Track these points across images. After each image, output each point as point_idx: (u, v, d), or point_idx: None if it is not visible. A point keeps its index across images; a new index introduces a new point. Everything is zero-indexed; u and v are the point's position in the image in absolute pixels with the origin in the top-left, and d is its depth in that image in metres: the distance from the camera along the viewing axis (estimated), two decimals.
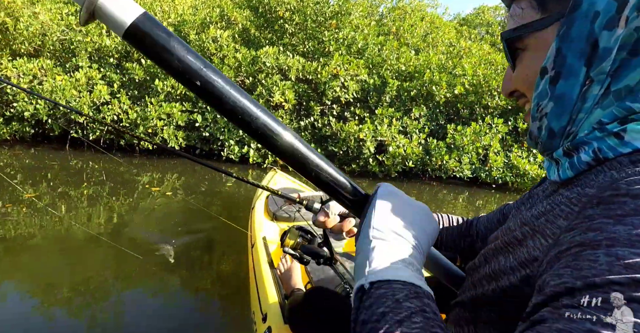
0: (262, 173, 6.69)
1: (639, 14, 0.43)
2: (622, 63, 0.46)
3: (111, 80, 6.80)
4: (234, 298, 2.35)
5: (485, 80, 8.25)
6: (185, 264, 2.90)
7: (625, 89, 0.46)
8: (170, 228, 3.58)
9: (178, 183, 5.55)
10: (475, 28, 13.91)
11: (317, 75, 7.22)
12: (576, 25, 0.46)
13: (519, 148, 7.86)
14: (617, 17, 0.44)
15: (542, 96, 0.51)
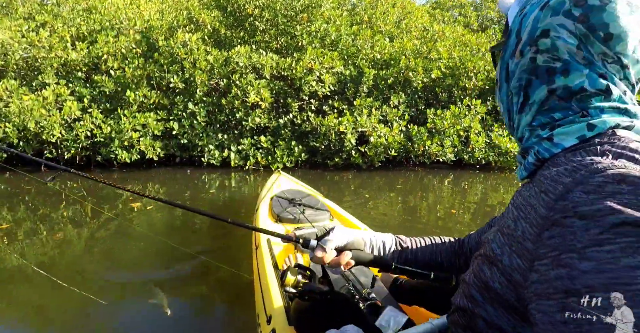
0: (264, 177, 6.62)
1: (530, 48, 0.62)
2: (527, 82, 0.64)
3: (81, 95, 6.63)
4: (238, 301, 2.35)
5: (462, 62, 8.22)
6: (187, 267, 2.89)
7: (533, 102, 0.64)
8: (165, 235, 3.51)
9: (161, 192, 5.46)
10: (448, 10, 13.85)
11: (292, 71, 7.13)
12: (505, 52, 0.67)
13: (500, 127, 7.86)
14: (514, 50, 0.65)
15: (497, 100, 0.72)
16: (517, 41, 0.63)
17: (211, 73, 7.07)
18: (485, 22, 14.02)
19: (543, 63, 0.60)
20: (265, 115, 7.06)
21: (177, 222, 4.09)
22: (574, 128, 0.58)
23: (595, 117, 0.58)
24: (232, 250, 3.20)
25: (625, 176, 0.46)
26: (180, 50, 6.92)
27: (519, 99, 0.65)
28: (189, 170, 6.87)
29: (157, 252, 3.22)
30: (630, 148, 0.52)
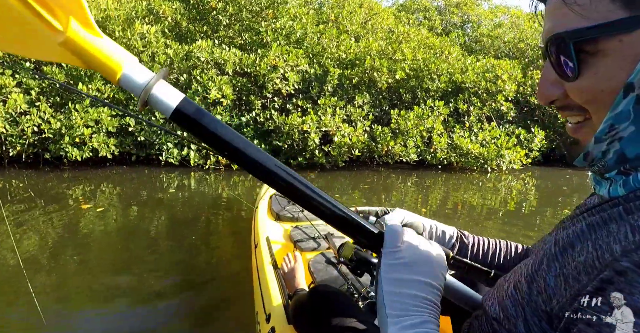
0: (225, 176, 6.42)
1: None
2: None
3: (28, 86, 6.20)
4: (237, 299, 2.33)
5: (425, 64, 8.33)
6: (186, 266, 2.84)
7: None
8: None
9: (115, 192, 5.18)
10: (413, 13, 14.04)
11: (256, 68, 6.97)
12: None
13: (461, 128, 8.02)
14: None
15: (622, 117, 0.44)
16: None
17: (171, 67, 6.80)
18: (449, 26, 14.31)
19: None
20: (227, 113, 6.87)
21: (151, 221, 3.88)
22: None
23: None
24: (230, 249, 3.16)
25: None
26: (138, 43, 6.62)
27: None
28: (146, 169, 6.59)
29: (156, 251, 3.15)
30: None
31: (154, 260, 2.99)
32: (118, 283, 2.57)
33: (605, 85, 0.44)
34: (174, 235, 3.59)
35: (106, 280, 2.62)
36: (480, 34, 12.80)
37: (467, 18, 14.22)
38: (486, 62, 8.87)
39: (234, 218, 4.13)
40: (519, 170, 8.27)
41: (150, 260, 2.97)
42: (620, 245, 0.41)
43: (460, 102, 8.36)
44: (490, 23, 13.43)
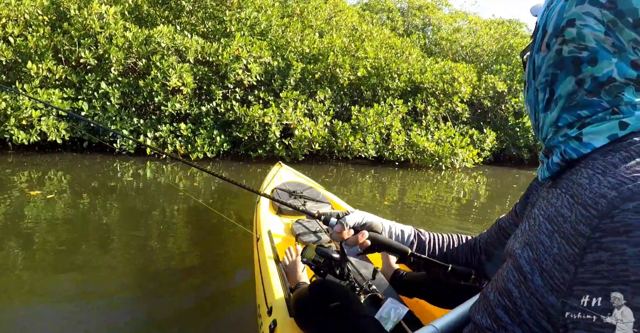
0: (182, 167, 6.27)
1: (556, 39, 0.59)
2: (553, 77, 0.61)
3: None
4: (239, 292, 2.32)
5: (387, 63, 8.52)
6: (187, 259, 2.78)
7: (559, 97, 0.61)
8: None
9: (65, 180, 4.96)
10: (377, 13, 14.27)
11: (218, 57, 6.87)
12: (532, 50, 0.65)
13: (418, 127, 8.29)
14: (541, 44, 0.63)
15: (525, 101, 0.71)
16: (542, 35, 0.61)
17: (129, 51, 6.57)
18: (411, 28, 14.67)
19: (569, 54, 0.58)
20: (186, 102, 6.73)
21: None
22: (604, 126, 0.55)
23: (627, 115, 0.54)
24: (232, 241, 3.14)
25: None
26: (95, 23, 6.34)
27: (544, 95, 0.63)
28: (99, 157, 6.34)
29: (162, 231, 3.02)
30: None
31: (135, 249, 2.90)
32: (90, 277, 2.45)
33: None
34: (132, 226, 3.50)
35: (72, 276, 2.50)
36: (440, 38, 13.24)
37: (428, 21, 14.64)
38: (444, 65, 9.19)
39: (192, 210, 4.08)
40: (471, 169, 8.66)
41: (131, 250, 2.88)
42: (585, 225, 0.47)
43: (419, 101, 8.64)
44: (450, 27, 13.89)
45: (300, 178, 3.42)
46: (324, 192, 2.94)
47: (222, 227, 3.48)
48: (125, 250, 2.87)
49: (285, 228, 2.33)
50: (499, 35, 12.47)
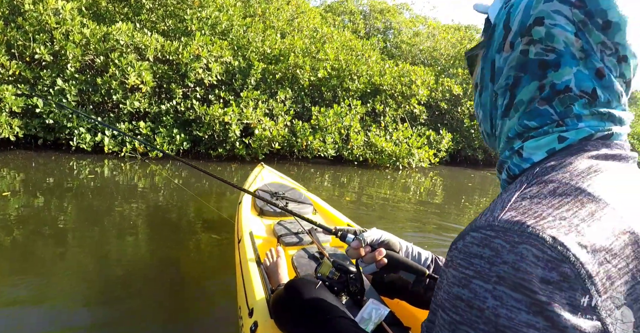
0: (142, 165, 6.24)
1: (522, 39, 0.55)
2: (516, 80, 0.57)
3: None
4: (220, 294, 2.32)
5: (347, 64, 8.77)
6: (166, 261, 2.78)
7: (519, 103, 0.57)
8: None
9: (18, 178, 4.88)
10: (339, 15, 14.53)
11: (178, 56, 6.90)
12: (489, 49, 0.60)
13: (377, 127, 8.59)
14: (503, 43, 0.58)
15: (476, 105, 0.66)
16: (504, 33, 0.57)
17: (86, 48, 6.50)
18: (373, 30, 15.02)
19: (535, 56, 0.54)
20: (145, 100, 6.73)
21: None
22: (544, 141, 0.54)
23: (570, 127, 0.53)
24: (213, 243, 3.14)
25: (490, 241, 0.42)
26: (51, 19, 6.23)
27: (504, 100, 0.59)
28: (54, 155, 6.24)
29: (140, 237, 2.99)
30: (559, 181, 0.47)
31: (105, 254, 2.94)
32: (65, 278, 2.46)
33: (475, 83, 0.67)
34: (101, 226, 3.53)
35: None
36: (400, 41, 13.66)
37: (389, 24, 15.03)
38: (402, 67, 9.55)
39: (165, 210, 4.15)
40: (428, 169, 9.05)
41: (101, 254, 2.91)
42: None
43: (378, 103, 8.94)
44: (410, 31, 14.34)
45: (282, 180, 3.41)
46: (306, 193, 2.94)
47: (203, 227, 3.52)
48: (96, 250, 2.89)
49: (267, 230, 2.32)
50: (455, 40, 13.00)
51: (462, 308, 0.41)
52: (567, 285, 0.38)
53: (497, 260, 0.40)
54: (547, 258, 0.38)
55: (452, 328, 0.42)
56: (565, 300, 0.37)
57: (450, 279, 0.44)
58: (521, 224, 0.41)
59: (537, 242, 0.39)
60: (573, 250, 0.39)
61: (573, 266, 0.38)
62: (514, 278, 0.38)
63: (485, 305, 0.39)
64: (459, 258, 0.43)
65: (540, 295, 0.37)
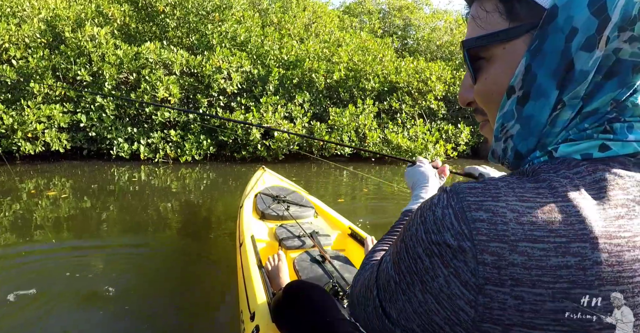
0: (174, 169, 6.92)
1: (620, 34, 0.39)
2: (596, 86, 0.42)
3: None
4: (222, 297, 2.31)
5: (362, 65, 9.16)
6: (168, 264, 2.82)
7: (592, 112, 0.43)
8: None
9: (68, 185, 5.61)
10: (357, 16, 14.86)
11: (202, 69, 7.53)
12: (549, 41, 0.41)
13: (394, 124, 8.92)
14: (597, 38, 0.39)
15: (508, 117, 0.47)
16: (599, 24, 0.39)
17: (120, 67, 7.24)
18: (392, 29, 15.25)
19: (630, 57, 0.40)
20: (174, 111, 7.40)
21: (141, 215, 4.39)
22: (584, 145, 0.43)
23: (617, 136, 0.42)
24: (212, 249, 3.16)
25: (439, 195, 0.43)
26: (88, 44, 7.01)
27: (573, 111, 0.44)
28: (97, 164, 7.01)
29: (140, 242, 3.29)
30: (556, 180, 0.41)
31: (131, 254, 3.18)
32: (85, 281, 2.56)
33: (494, 88, 0.47)
34: (139, 226, 4.13)
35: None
36: (420, 38, 13.86)
37: (408, 21, 15.21)
38: (417, 64, 9.81)
39: (176, 213, 4.73)
40: (447, 163, 9.24)
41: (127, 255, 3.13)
42: None
43: (394, 100, 9.27)
44: (427, 27, 14.48)
45: (283, 183, 3.43)
46: (307, 196, 2.94)
47: (207, 231, 3.69)
48: (117, 253, 3.11)
49: (269, 233, 2.33)
50: None
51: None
52: (451, 254, 0.39)
53: (433, 208, 0.42)
54: (455, 226, 0.39)
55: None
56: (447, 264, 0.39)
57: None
58: (471, 193, 0.40)
59: (459, 212, 0.39)
60: (476, 226, 0.38)
61: (464, 241, 0.38)
62: (431, 226, 0.41)
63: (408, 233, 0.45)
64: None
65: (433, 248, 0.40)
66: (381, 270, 0.50)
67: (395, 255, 0.46)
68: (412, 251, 0.43)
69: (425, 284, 0.41)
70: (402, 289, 0.44)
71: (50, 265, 2.83)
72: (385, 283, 0.48)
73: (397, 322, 0.46)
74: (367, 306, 0.53)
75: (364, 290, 0.55)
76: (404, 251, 0.44)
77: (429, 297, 0.41)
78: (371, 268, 0.56)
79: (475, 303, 0.37)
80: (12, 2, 7.73)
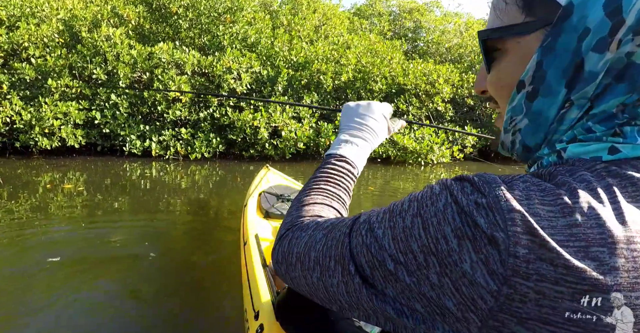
0: (184, 166, 7.13)
1: (634, 37, 0.38)
2: (605, 88, 0.41)
3: None
4: (226, 296, 2.33)
5: (370, 67, 9.30)
6: (172, 262, 2.83)
7: (601, 114, 0.43)
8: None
9: (82, 179, 5.82)
10: (367, 18, 14.98)
11: (213, 69, 7.73)
12: (562, 39, 0.41)
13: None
14: (609, 40, 0.39)
15: (517, 111, 0.48)
16: (612, 26, 0.38)
17: (134, 67, 7.47)
18: (403, 31, 15.34)
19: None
20: (185, 109, 7.61)
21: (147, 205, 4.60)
22: (593, 147, 0.43)
23: (628, 140, 0.42)
24: (218, 246, 3.17)
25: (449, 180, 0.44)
26: (104, 44, 7.26)
27: (580, 111, 0.44)
28: (110, 160, 7.24)
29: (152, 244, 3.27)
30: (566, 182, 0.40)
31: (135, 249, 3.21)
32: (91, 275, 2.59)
33: (505, 81, 0.48)
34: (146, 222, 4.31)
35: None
36: (430, 40, 13.94)
37: (419, 23, 15.30)
38: (425, 67, 9.92)
39: (183, 212, 4.91)
40: (453, 164, 9.36)
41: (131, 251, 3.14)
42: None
43: (401, 102, 9.38)
44: (438, 29, 14.55)
45: (287, 182, 3.43)
46: None
47: (213, 229, 3.71)
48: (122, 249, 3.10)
49: (273, 232, 2.33)
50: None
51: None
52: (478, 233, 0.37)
53: (465, 191, 0.40)
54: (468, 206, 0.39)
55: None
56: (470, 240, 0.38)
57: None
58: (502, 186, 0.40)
59: (493, 201, 0.38)
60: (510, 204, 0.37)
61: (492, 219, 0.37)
62: (466, 207, 0.39)
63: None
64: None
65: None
66: (360, 243, 0.47)
67: (400, 231, 0.43)
68: (435, 229, 0.40)
69: (445, 267, 0.39)
70: (408, 270, 0.42)
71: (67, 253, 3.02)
72: (375, 260, 0.45)
73: (393, 300, 0.44)
74: (326, 277, 0.51)
75: (321, 257, 0.52)
76: (419, 228, 0.41)
77: (446, 280, 0.39)
78: (329, 232, 0.54)
79: (498, 293, 0.36)
80: (32, 2, 8.01)
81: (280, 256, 0.61)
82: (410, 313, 0.43)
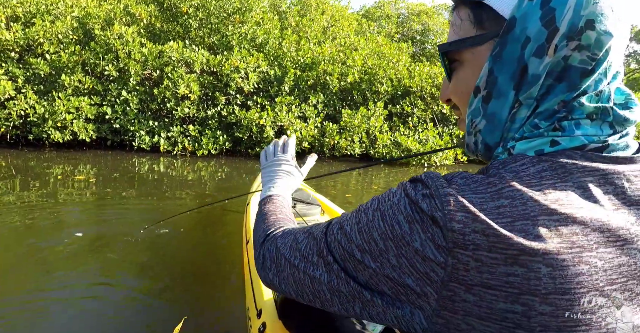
0: (191, 162, 7.29)
1: (568, 43, 0.44)
2: (548, 88, 0.48)
3: (14, 75, 6.97)
4: (228, 295, 2.32)
5: (376, 69, 9.41)
6: (174, 259, 2.80)
7: (545, 111, 0.48)
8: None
9: (92, 172, 5.99)
10: (375, 21, 15.08)
11: (221, 68, 7.91)
12: (508, 48, 0.47)
13: (405, 128, 9.15)
14: (547, 46, 0.45)
15: (476, 114, 0.53)
16: (548, 34, 0.45)
17: (145, 64, 7.66)
18: (411, 33, 15.44)
19: (580, 64, 0.46)
20: (194, 107, 7.79)
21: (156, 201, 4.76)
22: (536, 142, 0.48)
23: (565, 133, 0.48)
24: (221, 244, 3.15)
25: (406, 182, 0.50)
26: (116, 42, 7.45)
27: (528, 111, 0.50)
28: (119, 154, 7.43)
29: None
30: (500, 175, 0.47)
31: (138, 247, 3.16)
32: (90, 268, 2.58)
33: (464, 87, 0.54)
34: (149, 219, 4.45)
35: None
36: (438, 43, 14.00)
37: (427, 26, 15.37)
38: (430, 69, 10.01)
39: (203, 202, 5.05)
40: (456, 166, 9.43)
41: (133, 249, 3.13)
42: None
43: (406, 104, 9.49)
44: (445, 32, 14.60)
45: None
46: (314, 194, 2.93)
47: (216, 226, 3.72)
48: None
49: None
50: None
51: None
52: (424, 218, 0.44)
53: (414, 186, 0.47)
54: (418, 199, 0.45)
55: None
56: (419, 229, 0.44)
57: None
58: (441, 180, 0.46)
59: (434, 189, 0.45)
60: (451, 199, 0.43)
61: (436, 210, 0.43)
62: (414, 198, 0.46)
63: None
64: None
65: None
66: (333, 240, 0.54)
67: (364, 224, 0.50)
68: (390, 218, 0.47)
69: (401, 249, 0.45)
70: (372, 256, 0.48)
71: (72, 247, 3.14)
72: (345, 253, 0.51)
73: (365, 285, 0.50)
74: (311, 270, 0.57)
75: (306, 253, 0.59)
76: (379, 219, 0.48)
77: (403, 260, 0.45)
78: (309, 234, 0.60)
79: (445, 264, 0.42)
80: (48, 2, 8.23)
81: (268, 261, 0.67)
82: (380, 297, 0.48)
